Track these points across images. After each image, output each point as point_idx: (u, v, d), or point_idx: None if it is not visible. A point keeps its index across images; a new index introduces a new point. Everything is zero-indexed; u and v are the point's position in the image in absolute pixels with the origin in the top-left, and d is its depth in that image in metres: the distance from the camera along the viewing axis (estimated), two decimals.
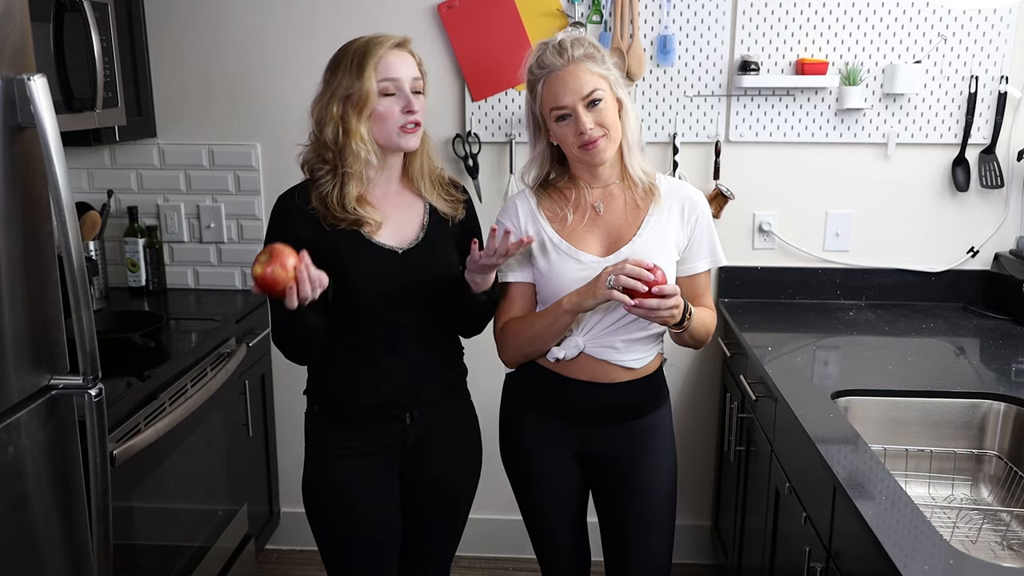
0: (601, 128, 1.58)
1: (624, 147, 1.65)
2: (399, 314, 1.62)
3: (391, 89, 1.57)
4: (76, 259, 1.42)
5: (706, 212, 1.71)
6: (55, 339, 1.48)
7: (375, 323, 1.62)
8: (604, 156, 1.62)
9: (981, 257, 2.56)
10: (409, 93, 1.58)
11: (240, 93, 2.56)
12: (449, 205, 1.70)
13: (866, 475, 1.47)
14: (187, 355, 2.13)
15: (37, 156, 1.38)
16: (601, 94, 1.58)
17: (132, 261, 2.60)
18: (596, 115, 1.58)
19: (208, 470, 2.28)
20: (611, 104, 1.60)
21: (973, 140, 2.47)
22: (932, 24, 2.42)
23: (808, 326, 2.40)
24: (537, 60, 1.61)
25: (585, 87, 1.57)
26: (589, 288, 1.56)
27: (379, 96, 1.56)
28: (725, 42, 2.46)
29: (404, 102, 1.58)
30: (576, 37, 1.61)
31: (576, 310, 1.59)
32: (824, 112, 2.49)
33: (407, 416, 1.66)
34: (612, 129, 1.60)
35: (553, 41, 1.61)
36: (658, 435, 1.74)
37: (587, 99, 1.57)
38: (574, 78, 1.57)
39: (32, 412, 1.41)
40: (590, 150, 1.60)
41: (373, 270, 1.60)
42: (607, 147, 1.61)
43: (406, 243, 1.64)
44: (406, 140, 1.60)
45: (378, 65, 1.56)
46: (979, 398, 1.87)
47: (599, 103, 1.58)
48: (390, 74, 1.57)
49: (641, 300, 1.50)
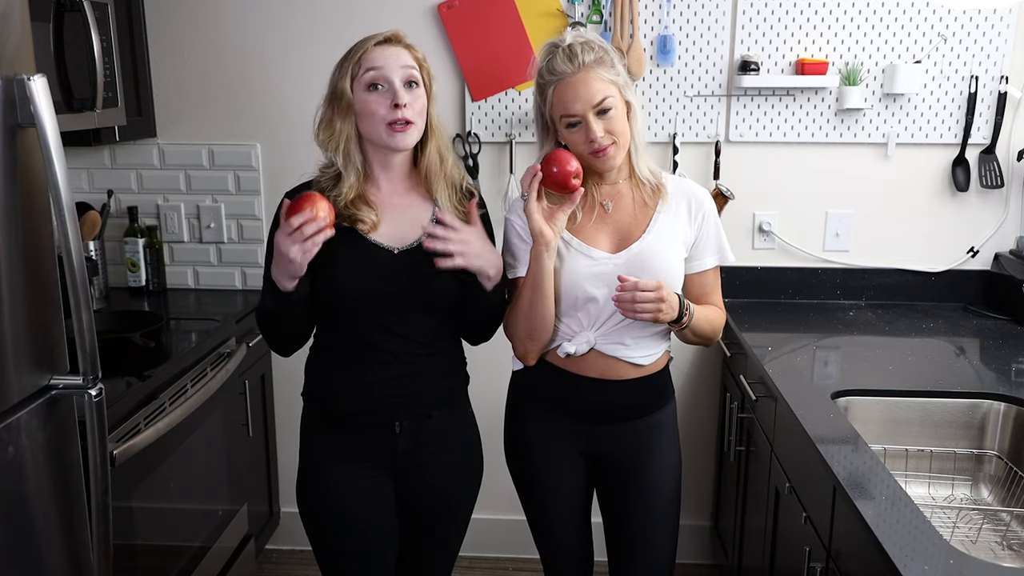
0: (610, 136, 1.59)
1: (632, 149, 1.65)
2: (390, 317, 1.57)
3: (376, 79, 1.51)
4: (76, 259, 1.42)
5: (712, 210, 1.71)
6: (55, 339, 1.48)
7: (364, 325, 1.57)
8: (613, 163, 1.62)
9: (981, 257, 2.56)
10: (398, 86, 1.51)
11: (240, 93, 2.56)
12: (459, 213, 1.61)
13: (866, 475, 1.47)
14: (187, 355, 2.13)
15: (37, 156, 1.38)
16: (611, 102, 1.57)
17: (132, 261, 2.60)
18: (606, 123, 1.58)
19: (208, 470, 2.28)
20: (620, 110, 1.60)
21: (973, 140, 2.47)
22: (932, 24, 2.42)
23: (808, 326, 2.40)
24: (547, 65, 1.60)
25: (596, 96, 1.57)
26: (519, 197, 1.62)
27: (364, 91, 1.52)
28: (725, 42, 2.46)
29: (391, 96, 1.50)
30: (586, 40, 1.60)
31: (535, 233, 1.58)
32: (824, 112, 2.49)
33: (396, 425, 1.61)
34: (621, 136, 1.60)
35: (563, 44, 1.59)
36: (663, 433, 1.74)
37: (597, 107, 1.57)
38: (585, 87, 1.57)
39: (32, 412, 1.41)
40: (599, 157, 1.60)
41: (363, 269, 1.55)
42: (616, 154, 1.61)
43: (404, 243, 1.58)
44: (395, 139, 1.52)
45: (362, 60, 1.52)
46: (979, 398, 1.87)
47: (609, 111, 1.58)
48: (373, 63, 1.51)
49: (618, 295, 1.53)
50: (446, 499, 1.71)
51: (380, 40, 1.55)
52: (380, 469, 1.64)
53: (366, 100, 1.52)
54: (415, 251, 1.58)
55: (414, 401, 1.62)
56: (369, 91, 1.52)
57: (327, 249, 1.49)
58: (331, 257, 1.53)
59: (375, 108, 1.52)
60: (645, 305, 1.53)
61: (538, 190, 1.58)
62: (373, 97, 1.52)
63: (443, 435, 1.67)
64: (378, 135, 1.54)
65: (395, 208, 1.61)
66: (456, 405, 1.71)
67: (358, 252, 1.56)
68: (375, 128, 1.53)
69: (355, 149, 1.56)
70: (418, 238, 1.58)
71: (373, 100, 1.52)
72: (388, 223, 1.59)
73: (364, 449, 1.63)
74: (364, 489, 1.64)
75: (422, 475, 1.67)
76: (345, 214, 1.55)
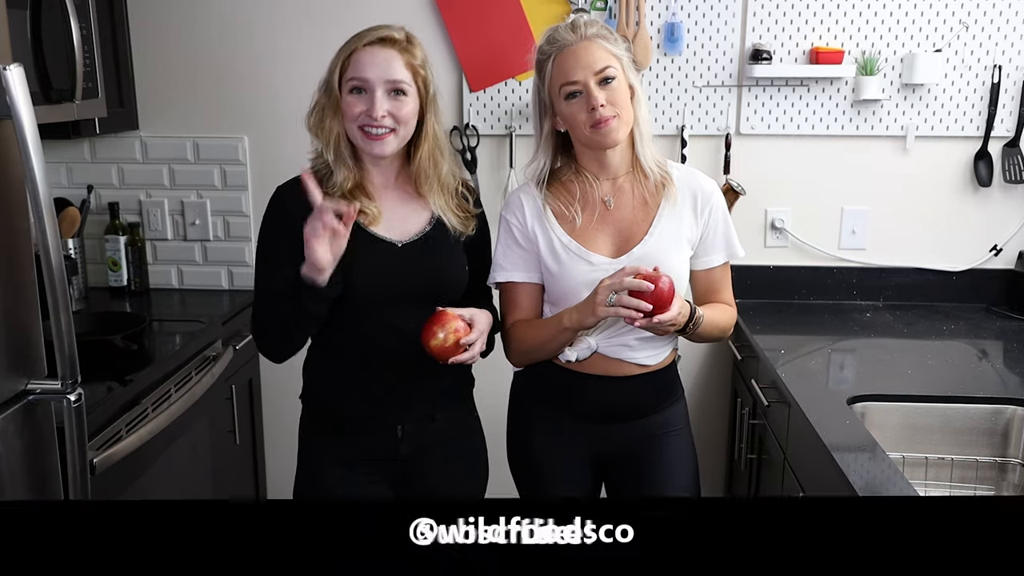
0: (613, 108, 1.57)
1: (636, 135, 1.64)
2: (394, 315, 1.56)
3: (358, 85, 1.52)
4: (54, 258, 1.42)
5: (720, 203, 1.70)
6: (32, 342, 1.48)
7: (367, 323, 1.57)
8: (616, 136, 1.60)
9: (1004, 255, 2.56)
10: (379, 94, 1.51)
11: (227, 83, 2.56)
12: (459, 220, 1.62)
13: (884, 484, 1.47)
14: (171, 358, 2.12)
15: (13, 149, 1.38)
16: (614, 72, 1.57)
17: (113, 260, 2.60)
18: (608, 93, 1.57)
19: (193, 479, 2.27)
20: (623, 86, 1.59)
21: (996, 133, 2.47)
22: (953, 11, 2.42)
23: (823, 328, 2.40)
24: (548, 38, 1.62)
25: (598, 62, 1.57)
26: (588, 305, 1.55)
27: (348, 92, 1.53)
28: (736, 30, 2.46)
29: (367, 104, 1.51)
30: (590, 19, 1.62)
31: (577, 327, 1.59)
32: (840, 103, 2.48)
33: (398, 429, 1.62)
34: (624, 111, 1.59)
35: (565, 22, 1.63)
36: (675, 433, 1.73)
37: (600, 75, 1.57)
38: (587, 52, 1.57)
39: (8, 418, 1.41)
40: (601, 129, 1.58)
41: (368, 264, 1.55)
42: (619, 127, 1.59)
43: (407, 236, 1.59)
44: (370, 146, 1.54)
45: (348, 60, 1.53)
46: (1002, 403, 1.87)
47: (612, 81, 1.57)
48: (357, 71, 1.52)
49: (646, 321, 1.50)
50: None
51: (372, 40, 1.54)
52: (380, 475, 1.65)
53: (348, 101, 1.54)
54: (419, 243, 1.59)
55: (418, 403, 1.63)
56: (351, 93, 1.54)
57: None
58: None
59: (353, 111, 1.53)
60: (663, 327, 1.53)
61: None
62: (353, 99, 1.53)
63: (447, 439, 1.67)
64: (355, 137, 1.56)
65: (393, 199, 1.62)
66: (460, 407, 1.72)
67: (360, 245, 1.54)
68: (352, 131, 1.55)
69: (344, 144, 1.57)
70: (421, 230, 1.60)
71: (352, 103, 1.54)
72: (388, 214, 1.59)
73: (365, 454, 1.63)
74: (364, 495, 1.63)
75: (424, 480, 1.67)
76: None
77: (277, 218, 1.59)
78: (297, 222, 1.48)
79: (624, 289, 1.49)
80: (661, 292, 1.48)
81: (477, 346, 1.53)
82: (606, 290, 1.51)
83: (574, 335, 1.62)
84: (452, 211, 1.62)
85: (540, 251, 1.66)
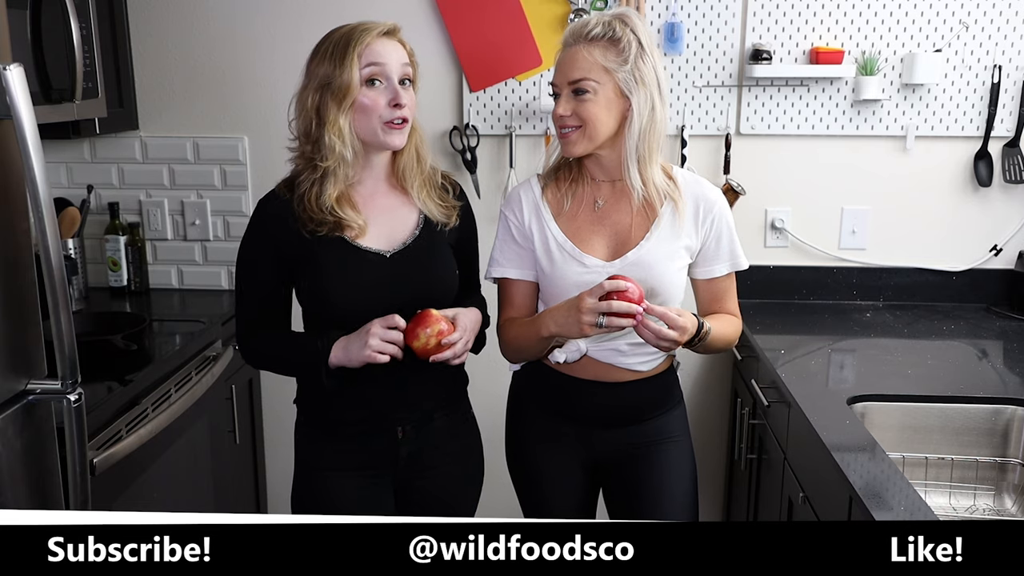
0: (578, 118, 1.57)
1: (625, 156, 1.58)
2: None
3: (376, 75, 1.50)
4: (54, 258, 1.42)
5: (724, 212, 1.67)
6: (32, 342, 1.48)
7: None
8: (573, 149, 1.60)
9: (1004, 255, 2.56)
10: (397, 83, 1.52)
11: (227, 83, 2.56)
12: (441, 211, 1.62)
13: (884, 484, 1.47)
14: (171, 358, 2.13)
15: (13, 150, 1.38)
16: (591, 86, 1.54)
17: (113, 260, 2.60)
18: (578, 104, 1.56)
19: (193, 479, 2.28)
20: (604, 101, 1.55)
21: (996, 133, 2.47)
22: (953, 11, 2.42)
23: (823, 328, 2.40)
24: (565, 31, 1.63)
25: (575, 72, 1.55)
26: (572, 320, 1.50)
27: (362, 86, 1.51)
28: (736, 30, 2.46)
29: (391, 94, 1.51)
30: (617, 15, 1.57)
31: (557, 335, 1.58)
32: (840, 103, 2.49)
33: (398, 431, 1.63)
34: (590, 125, 1.56)
35: (588, 17, 1.61)
36: (673, 439, 1.73)
37: (573, 85, 1.56)
38: (572, 60, 1.57)
39: (8, 418, 1.41)
40: (560, 137, 1.61)
41: (356, 279, 1.54)
42: (578, 141, 1.58)
43: (395, 246, 1.58)
44: (390, 137, 1.53)
45: (363, 52, 1.51)
46: (1002, 403, 1.87)
47: (585, 94, 1.55)
48: (375, 59, 1.50)
49: (639, 330, 1.49)
50: (448, 503, 1.73)
51: (383, 32, 1.54)
52: (380, 476, 1.65)
53: (366, 94, 1.51)
54: (408, 252, 1.58)
55: (416, 405, 1.63)
56: (367, 86, 1.52)
57: (315, 262, 1.53)
58: (321, 270, 1.54)
59: (374, 105, 1.51)
60: (663, 343, 1.51)
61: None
62: (371, 93, 1.52)
63: (445, 438, 1.69)
64: (373, 132, 1.53)
65: (380, 208, 1.60)
66: (457, 407, 1.73)
67: (350, 260, 1.54)
68: (371, 125, 1.53)
69: (348, 143, 1.53)
70: (408, 238, 1.59)
71: (371, 96, 1.51)
72: (375, 225, 1.58)
73: (365, 457, 1.63)
74: (363, 498, 1.64)
75: (424, 479, 1.68)
76: (330, 220, 1.53)
77: (255, 234, 1.60)
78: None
79: (610, 308, 1.46)
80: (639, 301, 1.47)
81: (460, 344, 1.53)
82: (589, 309, 1.47)
83: (552, 342, 1.63)
84: (435, 203, 1.62)
85: (535, 249, 1.66)
